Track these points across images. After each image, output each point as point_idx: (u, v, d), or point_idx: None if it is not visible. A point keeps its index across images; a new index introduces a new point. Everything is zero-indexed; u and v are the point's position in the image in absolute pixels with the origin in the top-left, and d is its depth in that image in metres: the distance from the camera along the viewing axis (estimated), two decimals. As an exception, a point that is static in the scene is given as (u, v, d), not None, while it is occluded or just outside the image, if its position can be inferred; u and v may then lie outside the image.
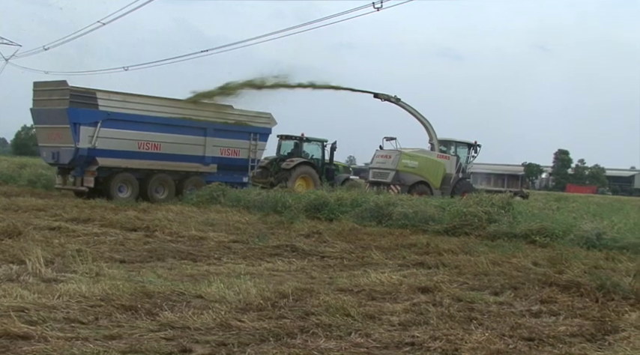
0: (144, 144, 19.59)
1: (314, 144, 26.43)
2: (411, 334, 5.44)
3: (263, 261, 9.22)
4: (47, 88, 19.40)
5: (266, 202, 16.95)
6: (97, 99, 18.74)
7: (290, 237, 11.83)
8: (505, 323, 5.94)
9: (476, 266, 9.00)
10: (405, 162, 25.45)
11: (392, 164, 25.43)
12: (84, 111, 18.46)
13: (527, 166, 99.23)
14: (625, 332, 5.75)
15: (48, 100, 19.17)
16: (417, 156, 26.06)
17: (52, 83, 19.62)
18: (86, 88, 19.13)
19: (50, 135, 19.27)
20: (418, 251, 10.66)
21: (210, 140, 20.96)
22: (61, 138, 18.75)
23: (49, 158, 19.50)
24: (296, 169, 24.14)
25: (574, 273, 8.32)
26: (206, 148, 20.89)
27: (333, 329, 5.48)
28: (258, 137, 22.15)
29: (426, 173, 25.75)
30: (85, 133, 18.44)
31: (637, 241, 11.34)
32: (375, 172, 26.15)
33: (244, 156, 21.87)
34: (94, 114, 18.57)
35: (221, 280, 7.08)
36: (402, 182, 24.93)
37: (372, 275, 7.96)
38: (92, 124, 18.53)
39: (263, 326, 5.41)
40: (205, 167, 20.88)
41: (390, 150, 26.24)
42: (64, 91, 18.61)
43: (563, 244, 11.70)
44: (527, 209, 15.71)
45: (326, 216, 15.34)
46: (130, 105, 19.33)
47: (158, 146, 19.86)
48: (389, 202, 15.74)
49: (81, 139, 18.38)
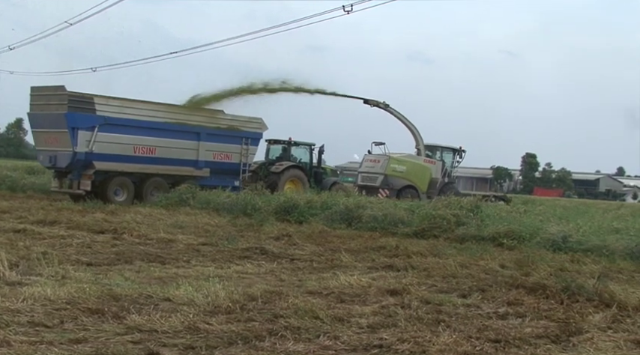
0: (139, 149, 19.96)
1: (302, 148, 26.68)
2: (379, 336, 5.46)
3: (232, 263, 9.18)
4: (45, 93, 19.64)
5: (236, 205, 16.89)
6: (95, 104, 19.08)
7: (259, 239, 11.80)
8: (472, 325, 6.00)
9: (444, 269, 9.08)
10: (394, 166, 25.97)
11: (381, 168, 25.94)
12: (82, 115, 18.81)
13: (495, 170, 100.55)
14: (588, 334, 5.85)
15: (45, 105, 19.46)
16: (405, 161, 26.59)
17: (49, 88, 19.86)
18: (84, 92, 19.41)
19: (48, 140, 19.52)
20: (387, 253, 10.71)
21: (204, 144, 21.36)
22: (59, 142, 19.02)
23: (47, 162, 19.77)
24: (285, 173, 24.41)
25: (540, 276, 8.45)
26: (199, 153, 21.28)
27: (301, 331, 5.48)
28: (249, 141, 22.61)
29: (414, 177, 26.28)
30: (83, 138, 18.75)
31: (601, 244, 11.57)
32: (364, 176, 26.61)
33: (236, 161, 22.34)
34: (91, 118, 18.94)
35: (189, 283, 7.03)
36: (390, 186, 25.44)
37: (341, 277, 7.97)
38: (89, 129, 18.86)
39: (231, 329, 5.38)
40: (198, 171, 21.30)
41: (379, 155, 26.67)
42: (62, 96, 18.88)
43: (530, 247, 11.87)
44: (495, 212, 15.91)
45: (296, 218, 15.33)
46: (126, 110, 19.71)
47: (153, 150, 20.24)
48: (358, 205, 15.81)
49: (79, 143, 18.68)
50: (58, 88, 19.31)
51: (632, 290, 7.78)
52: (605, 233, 12.72)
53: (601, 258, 10.81)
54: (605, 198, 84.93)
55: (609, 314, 6.61)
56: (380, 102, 26.74)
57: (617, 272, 9.57)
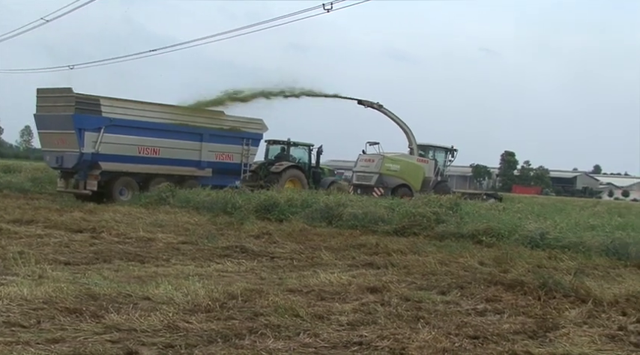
0: (144, 149, 20.47)
1: (301, 149, 27.05)
2: (359, 333, 5.48)
3: (212, 262, 9.15)
4: (52, 95, 20.00)
5: (216, 203, 16.83)
6: (101, 105, 19.55)
7: (240, 237, 11.77)
8: (451, 322, 6.04)
9: (424, 266, 9.13)
10: (388, 165, 26.30)
11: (375, 167, 26.28)
12: (88, 117, 19.28)
13: (475, 168, 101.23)
14: (565, 329, 5.93)
15: (52, 106, 19.84)
16: (399, 160, 26.95)
17: (56, 90, 20.12)
18: (90, 94, 19.77)
19: (54, 140, 19.90)
20: (367, 251, 10.74)
21: (206, 145, 21.94)
22: (66, 143, 19.46)
23: (53, 162, 20.18)
24: (285, 172, 24.77)
25: (518, 272, 8.53)
26: (202, 153, 21.86)
27: (281, 329, 5.48)
28: (250, 142, 23.28)
29: (408, 176, 26.64)
30: (89, 139, 19.22)
31: (578, 240, 11.71)
32: (359, 175, 26.94)
33: (237, 161, 22.96)
34: (97, 120, 19.41)
35: (169, 281, 7.00)
36: (385, 185, 25.75)
37: (321, 275, 7.99)
38: (96, 130, 19.34)
39: (211, 328, 5.37)
40: (201, 171, 21.85)
41: (374, 155, 27.04)
42: (69, 98, 19.31)
43: (509, 244, 11.97)
44: (474, 209, 16.03)
45: (276, 216, 15.32)
46: (131, 112, 20.20)
47: (157, 151, 20.77)
48: (339, 203, 15.83)
49: (85, 144, 19.14)
50: (65, 90, 19.64)
51: (607, 286, 7.91)
52: (581, 230, 12.88)
53: (577, 254, 10.95)
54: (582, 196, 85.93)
55: (585, 310, 6.70)
56: (374, 103, 27.20)
57: (593, 269, 9.70)
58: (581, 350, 5.21)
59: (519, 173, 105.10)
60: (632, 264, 10.36)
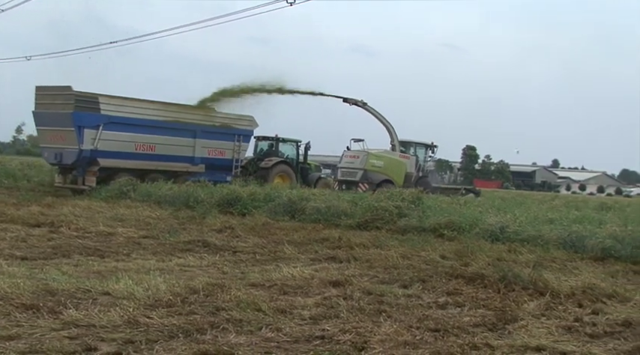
0: (140, 146, 21.06)
1: (289, 145, 27.48)
2: (321, 327, 5.49)
3: (174, 256, 9.06)
4: (50, 93, 20.43)
5: (178, 197, 16.68)
6: (99, 103, 20.06)
7: (202, 232, 11.69)
8: (413, 315, 6.09)
9: (386, 260, 9.19)
10: (372, 161, 26.94)
11: (360, 164, 26.88)
12: (87, 115, 19.76)
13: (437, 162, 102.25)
14: (523, 321, 6.04)
15: (51, 104, 20.26)
16: (383, 156, 27.67)
17: (55, 88, 20.49)
18: (89, 92, 20.26)
19: (53, 137, 20.35)
20: (330, 245, 10.76)
21: (199, 142, 22.57)
22: (65, 140, 19.92)
23: (52, 158, 20.62)
24: (274, 168, 25.28)
25: (479, 266, 8.65)
26: (195, 149, 22.50)
27: (243, 324, 5.46)
28: (241, 138, 23.91)
29: (391, 172, 27.31)
30: (89, 136, 19.70)
31: (536, 234, 11.92)
32: (344, 171, 27.50)
33: (229, 157, 23.59)
34: (96, 117, 19.90)
35: (130, 276, 6.91)
36: (369, 180, 26.31)
37: (284, 269, 7.97)
38: (95, 127, 19.82)
39: (172, 323, 5.32)
40: (194, 167, 22.47)
41: (358, 151, 27.67)
42: (68, 96, 19.76)
43: (470, 237, 12.12)
44: (435, 204, 16.19)
45: (239, 210, 15.24)
46: (128, 109, 20.74)
47: (153, 147, 21.36)
48: (302, 197, 15.82)
49: (84, 141, 19.64)
50: (64, 88, 20.01)
51: (564, 279, 8.07)
52: (540, 223, 13.12)
53: (536, 247, 11.15)
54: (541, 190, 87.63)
55: (543, 302, 6.84)
56: (358, 101, 27.86)
57: (551, 261, 9.89)
58: (538, 342, 5.30)
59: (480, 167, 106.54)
60: (588, 257, 10.60)
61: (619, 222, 13.13)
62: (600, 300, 7.05)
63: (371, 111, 28.17)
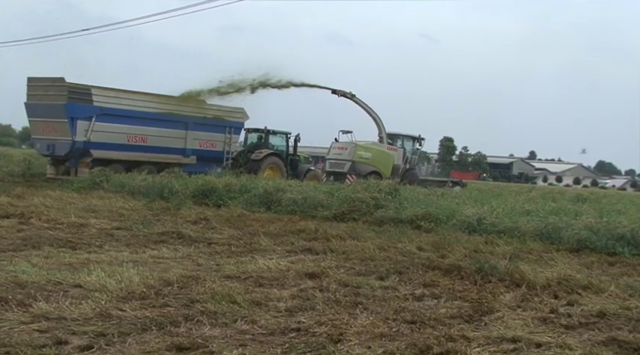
0: (132, 138, 21.54)
1: (279, 137, 27.67)
2: (297, 320, 5.50)
3: (147, 248, 8.99)
4: (43, 84, 20.77)
5: (152, 188, 16.54)
6: (92, 95, 20.50)
7: (176, 223, 11.63)
8: (389, 307, 6.12)
9: (363, 252, 9.21)
10: (360, 153, 27.44)
11: (348, 155, 27.39)
12: (80, 106, 20.18)
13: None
14: (499, 313, 6.10)
15: (44, 95, 20.62)
16: (371, 148, 28.21)
17: (48, 79, 20.83)
18: (81, 84, 20.64)
19: (45, 128, 20.70)
20: (306, 237, 10.76)
21: (191, 133, 23.21)
22: (58, 131, 20.30)
23: (44, 150, 21.03)
24: (265, 160, 25.57)
25: (456, 257, 8.72)
26: (187, 141, 23.12)
27: (218, 316, 5.44)
28: (232, 130, 24.66)
29: (378, 164, 27.86)
30: (82, 127, 20.15)
31: (513, 225, 12.04)
32: (332, 163, 27.92)
33: (220, 149, 24.29)
34: (89, 109, 20.34)
35: (102, 268, 6.85)
36: (357, 172, 26.68)
37: (259, 261, 7.96)
38: (87, 119, 20.27)
39: (145, 315, 5.28)
40: (186, 159, 23.09)
41: (346, 143, 28.11)
42: (61, 87, 20.17)
43: (447, 229, 12.20)
44: (412, 195, 16.27)
45: (214, 201, 15.18)
46: (120, 101, 21.18)
47: (145, 139, 21.86)
48: (278, 188, 15.80)
49: (77, 133, 20.08)
50: (57, 80, 20.38)
51: (540, 270, 8.16)
52: (517, 215, 13.27)
53: (513, 239, 11.26)
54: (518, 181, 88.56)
55: (519, 294, 6.91)
56: (347, 93, 28.23)
57: (528, 253, 10.00)
58: (514, 333, 5.36)
59: (458, 158, 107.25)
60: (564, 249, 10.73)
61: (595, 214, 13.33)
62: (575, 292, 7.14)
63: (359, 103, 28.59)
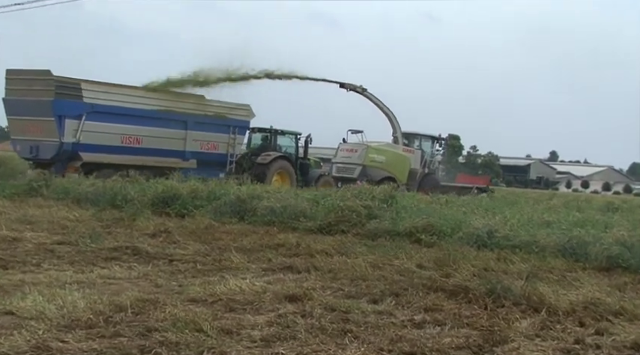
0: (126, 139, 22.21)
1: (287, 137, 27.99)
2: (274, 351, 5.51)
3: (96, 266, 8.96)
4: (25, 77, 21.41)
5: (102, 195, 16.53)
6: (82, 90, 21.08)
7: (131, 236, 11.63)
8: (384, 336, 6.13)
9: (353, 270, 9.23)
10: (373, 156, 27.79)
11: (358, 158, 27.71)
12: (69, 103, 20.76)
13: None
14: (514, 343, 6.13)
15: (27, 90, 21.23)
16: (384, 151, 28.56)
17: (31, 72, 21.52)
18: (70, 77, 21.25)
19: (28, 128, 21.22)
20: (286, 252, 10.79)
21: (191, 134, 23.93)
22: (42, 131, 20.80)
23: (26, 152, 21.37)
24: (273, 164, 25.82)
25: (462, 277, 8.75)
26: (186, 143, 23.81)
27: (181, 347, 5.43)
28: (237, 130, 25.13)
29: (393, 168, 28.14)
30: (70, 127, 20.67)
31: (530, 239, 12.10)
32: (340, 167, 28.28)
33: (223, 151, 24.95)
34: (78, 106, 20.91)
35: (39, 291, 6.82)
36: (369, 178, 26.65)
37: (230, 281, 7.97)
38: (77, 117, 20.83)
39: (92, 347, 5.26)
40: (185, 162, 23.76)
41: (356, 144, 28.40)
42: (48, 81, 20.73)
43: (452, 243, 12.24)
44: (412, 203, 16.33)
45: (177, 211, 15.23)
46: (113, 97, 21.86)
47: (140, 140, 22.52)
48: (253, 195, 15.81)
49: (65, 133, 20.58)
50: (43, 73, 20.92)
51: (563, 292, 8.20)
52: (535, 227, 13.33)
53: (530, 255, 11.31)
54: (537, 187, 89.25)
55: (538, 320, 6.95)
56: (357, 87, 28.84)
57: (548, 272, 10.04)
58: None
59: (465, 160, 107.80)
60: (591, 267, 10.78)
61: (628, 226, 13.39)
62: (605, 318, 7.18)
63: (371, 98, 29.02)
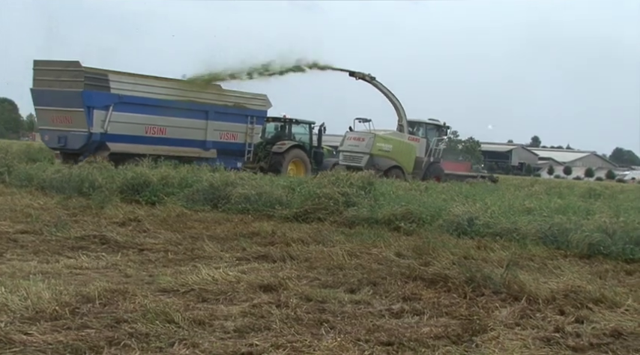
0: (151, 129, 23.18)
1: (301, 127, 28.71)
2: (248, 342, 5.52)
3: (62, 256, 8.92)
4: (53, 68, 22.21)
5: (68, 182, 16.44)
6: (109, 81, 22.12)
7: (99, 225, 11.59)
8: (361, 326, 6.17)
9: (330, 259, 9.26)
10: (380, 145, 28.43)
11: (366, 147, 28.40)
12: (97, 94, 21.76)
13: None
14: (494, 332, 6.18)
15: (55, 81, 22.07)
16: (391, 139, 29.14)
17: (60, 63, 22.26)
18: (98, 68, 22.23)
19: (56, 119, 22.18)
20: (261, 241, 10.81)
21: (212, 124, 24.82)
22: (71, 122, 21.81)
23: (54, 142, 22.42)
24: (289, 153, 26.52)
25: (442, 265, 8.79)
26: (207, 132, 24.77)
27: (151, 339, 5.43)
28: (255, 120, 26.17)
29: (400, 157, 28.84)
30: (98, 117, 21.68)
31: (511, 226, 12.21)
32: (347, 156, 28.89)
33: (241, 141, 25.89)
34: (106, 97, 21.89)
35: (2, 282, 6.77)
36: (376, 167, 27.05)
37: (203, 271, 7.95)
38: (104, 108, 21.82)
39: (58, 340, 5.24)
40: (206, 152, 24.74)
41: (363, 133, 29.18)
42: (77, 73, 21.67)
43: (431, 231, 12.34)
44: (391, 190, 16.38)
45: (147, 198, 15.23)
46: (139, 88, 22.82)
47: (164, 130, 23.51)
48: (227, 182, 15.79)
49: (94, 123, 21.58)
50: (72, 64, 21.80)
51: (543, 281, 8.28)
52: (516, 214, 13.45)
53: (511, 242, 11.44)
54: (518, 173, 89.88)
55: (517, 309, 7.01)
56: (366, 75, 29.55)
57: (529, 260, 10.15)
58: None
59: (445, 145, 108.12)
60: (572, 254, 10.91)
61: (610, 213, 13.55)
62: (586, 306, 7.27)
63: (379, 87, 29.73)
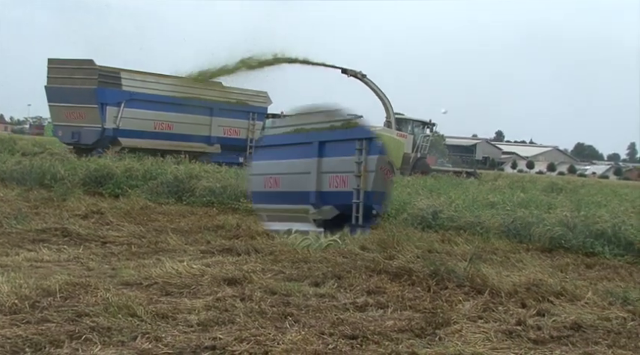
0: (159, 125, 24.65)
1: None
2: (212, 335, 5.52)
3: (22, 248, 8.86)
4: (68, 66, 23.64)
5: (29, 173, 16.30)
6: (121, 78, 23.58)
7: (61, 217, 11.51)
8: (325, 319, 6.19)
9: (294, 253, 9.28)
10: None
11: None
12: (110, 91, 23.17)
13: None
14: (457, 325, 6.23)
15: (69, 78, 23.40)
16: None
17: (74, 61, 23.74)
18: (111, 67, 23.71)
19: (70, 115, 23.56)
20: (226, 234, 10.81)
21: (216, 120, 26.24)
22: (85, 118, 23.25)
23: (68, 137, 23.97)
24: None
25: (406, 259, 8.86)
26: (212, 128, 26.20)
27: (113, 333, 5.40)
28: (256, 116, 27.34)
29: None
30: (111, 114, 23.18)
31: (475, 220, 12.32)
32: None
33: (243, 136, 27.12)
34: (118, 94, 23.35)
35: (-40, 276, 6.67)
36: None
37: (166, 264, 7.93)
38: (117, 104, 23.30)
39: (17, 334, 5.18)
40: (210, 147, 26.17)
41: None
42: (91, 71, 23.11)
43: (396, 225, 12.37)
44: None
45: (110, 191, 15.21)
46: (148, 85, 24.20)
47: (171, 126, 24.95)
48: (191, 175, 15.78)
49: (107, 119, 23.05)
50: (86, 62, 23.23)
51: (506, 274, 8.38)
52: (479, 207, 13.58)
53: (474, 236, 11.55)
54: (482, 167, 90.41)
55: (480, 302, 7.08)
56: (357, 73, 30.32)
57: (492, 253, 10.26)
58: (474, 350, 5.50)
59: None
60: (535, 248, 11.06)
61: (571, 207, 13.76)
62: (547, 299, 7.36)
63: (369, 85, 30.59)
